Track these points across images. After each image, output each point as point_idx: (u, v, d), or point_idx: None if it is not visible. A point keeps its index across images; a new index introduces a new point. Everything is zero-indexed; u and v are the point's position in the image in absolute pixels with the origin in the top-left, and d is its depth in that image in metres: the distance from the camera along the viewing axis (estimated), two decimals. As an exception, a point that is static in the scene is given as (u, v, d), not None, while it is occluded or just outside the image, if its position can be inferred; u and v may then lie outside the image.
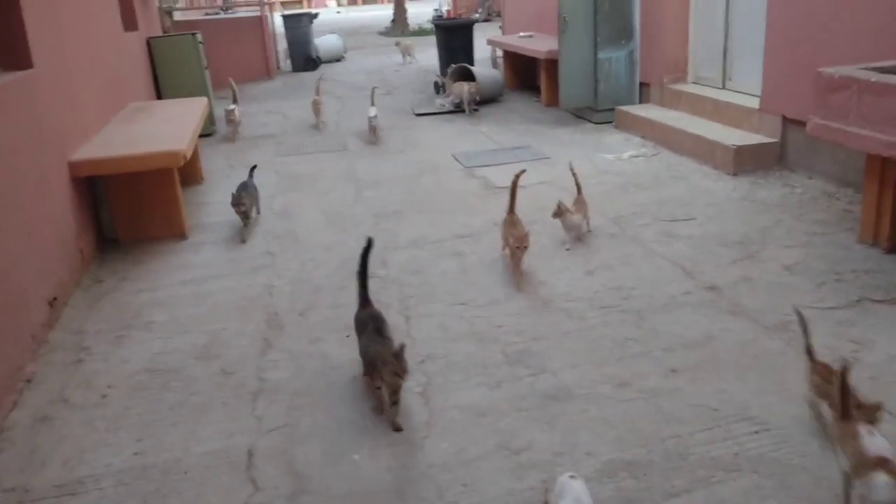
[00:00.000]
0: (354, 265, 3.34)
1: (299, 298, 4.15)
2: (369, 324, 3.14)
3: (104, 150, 4.97)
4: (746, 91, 6.51)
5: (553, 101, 8.74)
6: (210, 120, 8.41)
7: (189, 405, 3.16)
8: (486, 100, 9.54)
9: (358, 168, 6.86)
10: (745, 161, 5.82)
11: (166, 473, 2.73)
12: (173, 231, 5.16)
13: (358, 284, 3.32)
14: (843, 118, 4.08)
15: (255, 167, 5.83)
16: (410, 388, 3.16)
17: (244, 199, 5.16)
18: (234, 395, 3.22)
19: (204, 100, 6.76)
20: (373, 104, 8.06)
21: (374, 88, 8.68)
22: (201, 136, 7.98)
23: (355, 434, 2.90)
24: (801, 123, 4.70)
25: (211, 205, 5.96)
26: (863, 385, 2.94)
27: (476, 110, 9.05)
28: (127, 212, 5.10)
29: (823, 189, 5.30)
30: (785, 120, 5.76)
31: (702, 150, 6.23)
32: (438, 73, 10.83)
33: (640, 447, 2.70)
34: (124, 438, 2.96)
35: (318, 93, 9.08)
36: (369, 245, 3.31)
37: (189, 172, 6.01)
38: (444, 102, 9.43)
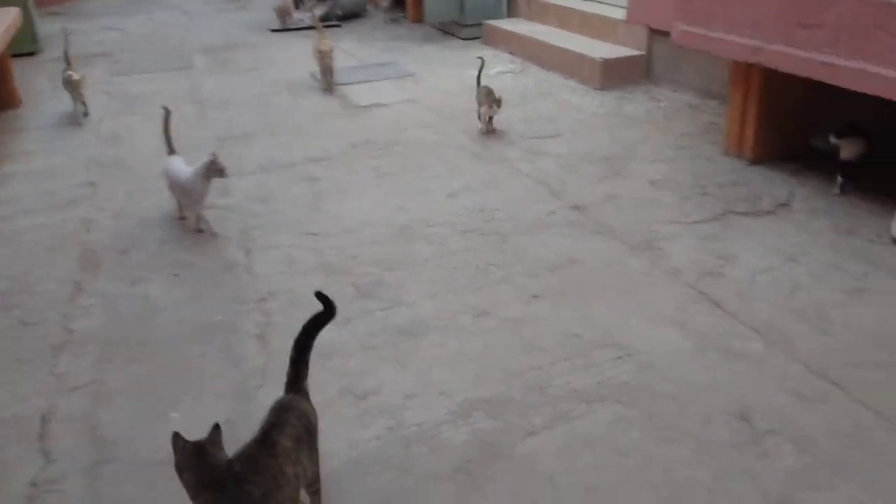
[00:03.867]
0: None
1: (122, 234, 3.62)
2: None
3: None
4: (614, 2, 6.28)
5: (420, 17, 8.24)
6: (31, 38, 7.39)
7: (-26, 365, 2.65)
8: (348, 15, 8.93)
9: (204, 88, 6.19)
10: (612, 75, 5.62)
11: (-63, 451, 2.25)
12: (-26, 161, 4.43)
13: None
14: (708, 23, 3.89)
15: None
16: (247, 329, 2.79)
17: None
18: (32, 349, 2.72)
19: (13, 10, 5.80)
20: (172, 151, 3.79)
21: (167, 112, 3.84)
22: (21, 55, 7.03)
23: (176, 387, 2.49)
24: (667, 34, 4.50)
25: (28, 131, 5.19)
26: (730, 302, 2.83)
27: (339, 26, 8.45)
28: (-87, 140, 4.31)
29: (689, 102, 5.18)
30: (651, 31, 5.58)
31: (569, 65, 5.98)
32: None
33: (499, 382, 2.46)
34: None
35: (67, 63, 5.26)
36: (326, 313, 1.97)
37: (-1, 95, 5.19)
38: (302, 17, 8.72)
